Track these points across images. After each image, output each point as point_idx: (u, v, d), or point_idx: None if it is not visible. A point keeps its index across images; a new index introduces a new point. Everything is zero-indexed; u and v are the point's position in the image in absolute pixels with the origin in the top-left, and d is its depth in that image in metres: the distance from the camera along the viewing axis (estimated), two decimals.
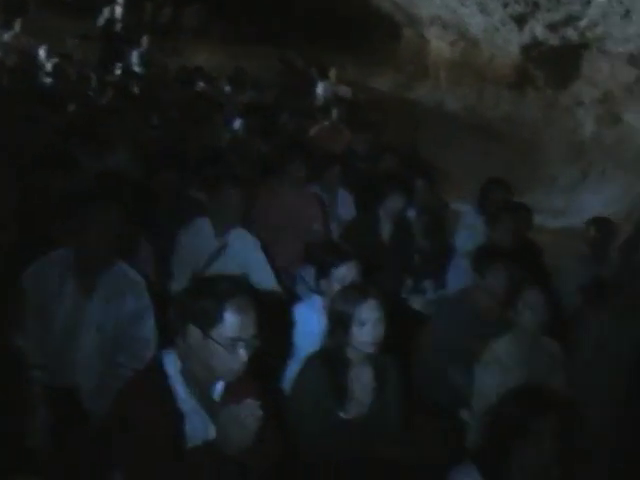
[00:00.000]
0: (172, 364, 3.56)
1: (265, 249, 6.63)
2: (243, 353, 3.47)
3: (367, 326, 4.55)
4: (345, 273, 5.30)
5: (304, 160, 8.16)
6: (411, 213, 8.44)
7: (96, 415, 4.71)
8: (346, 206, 9.04)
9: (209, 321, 3.44)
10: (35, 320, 4.78)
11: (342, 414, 4.55)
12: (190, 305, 3.50)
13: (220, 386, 3.65)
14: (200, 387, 3.59)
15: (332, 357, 4.64)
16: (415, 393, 5.69)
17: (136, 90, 13.24)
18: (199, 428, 3.54)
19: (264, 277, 6.44)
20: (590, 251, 7.94)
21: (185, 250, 6.43)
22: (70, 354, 4.85)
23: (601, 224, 7.97)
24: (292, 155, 8.14)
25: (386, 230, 7.88)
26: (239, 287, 3.52)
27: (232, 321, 3.45)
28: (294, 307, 5.62)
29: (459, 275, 7.32)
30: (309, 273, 7.29)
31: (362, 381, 4.51)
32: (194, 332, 3.48)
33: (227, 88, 15.15)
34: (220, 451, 3.35)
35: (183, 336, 3.52)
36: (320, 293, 5.46)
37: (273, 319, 3.93)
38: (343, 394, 4.59)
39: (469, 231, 8.55)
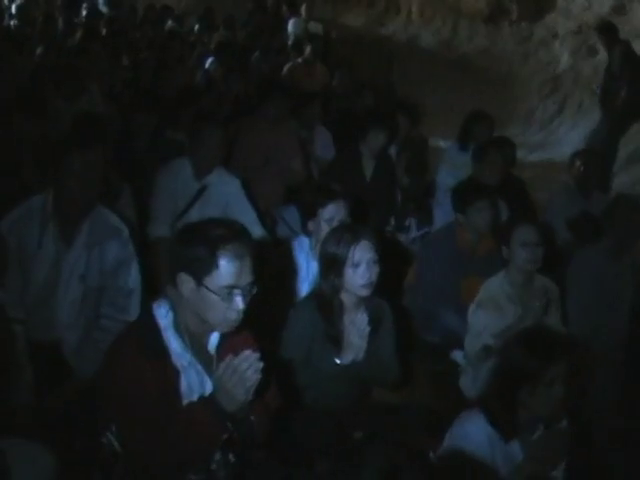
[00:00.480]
0: (164, 316, 3.35)
1: (246, 190, 6.42)
2: (239, 302, 3.26)
3: (361, 268, 4.37)
4: (333, 213, 5.12)
5: (281, 98, 7.96)
6: (392, 150, 8.25)
7: (81, 370, 4.55)
8: (325, 144, 8.87)
9: (202, 269, 3.23)
10: (14, 272, 4.54)
11: (338, 360, 4.38)
12: (181, 252, 3.27)
13: (215, 338, 3.46)
14: (194, 339, 3.40)
15: (325, 302, 4.46)
16: (408, 335, 5.53)
17: (104, 31, 12.88)
18: (195, 383, 3.37)
19: (247, 218, 6.19)
20: (576, 185, 7.76)
21: (164, 193, 6.20)
22: (52, 307, 4.62)
23: (587, 157, 7.79)
24: (269, 93, 7.94)
25: (368, 168, 7.67)
26: (234, 232, 3.29)
27: (227, 268, 3.23)
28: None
29: (445, 213, 7.14)
30: (291, 214, 7.17)
31: (357, 326, 4.32)
32: (187, 281, 3.26)
33: (197, 27, 14.85)
34: (219, 406, 3.17)
35: (175, 286, 3.31)
36: (307, 234, 5.27)
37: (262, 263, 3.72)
38: (338, 340, 4.42)
39: (451, 168, 8.40)
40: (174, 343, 3.33)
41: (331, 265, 4.42)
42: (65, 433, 3.87)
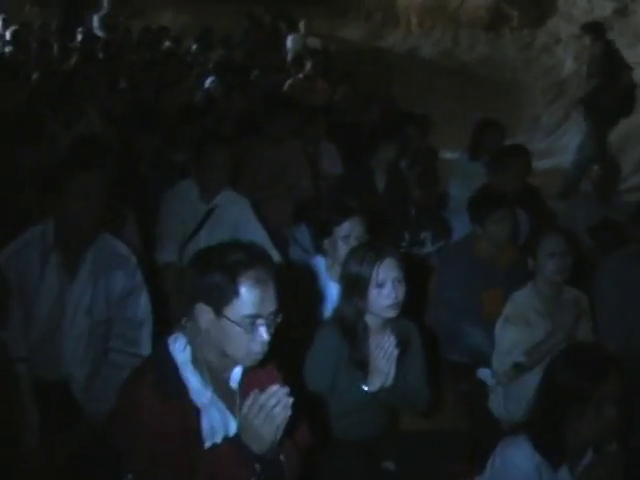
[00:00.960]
0: (181, 351, 3.08)
1: (255, 210, 6.16)
2: (264, 333, 2.99)
3: (386, 288, 4.11)
4: (349, 230, 4.90)
5: (286, 114, 7.71)
6: (403, 163, 7.99)
7: (91, 409, 4.26)
8: (332, 160, 8.60)
9: (222, 298, 2.95)
10: (15, 307, 4.24)
11: (365, 387, 4.10)
12: (198, 281, 2.99)
13: (237, 372, 3.19)
14: (215, 375, 3.12)
15: (349, 325, 4.19)
16: (434, 356, 5.25)
17: (100, 55, 12.66)
18: (217, 423, 3.09)
19: (258, 241, 5.97)
20: (595, 191, 7.54)
21: (171, 216, 5.94)
22: (58, 343, 4.33)
23: (604, 162, 7.58)
24: (272, 110, 7.69)
25: (380, 182, 7.41)
26: (254, 256, 3.02)
27: (249, 296, 2.96)
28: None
29: (465, 226, 6.88)
30: (302, 233, 6.91)
31: (384, 349, 4.05)
32: (205, 312, 3.00)
33: (194, 47, 14.63)
34: (245, 448, 2.89)
35: (192, 317, 3.04)
36: (323, 254, 5.01)
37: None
38: (365, 365, 4.14)
39: (463, 179, 8.16)
40: (193, 380, 3.05)
41: (354, 286, 4.16)
42: None
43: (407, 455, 4.35)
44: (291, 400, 2.84)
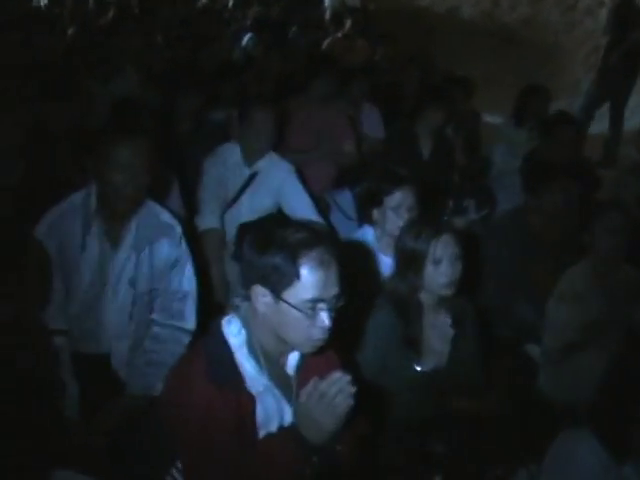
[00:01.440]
0: (235, 335, 2.89)
1: (298, 175, 5.95)
2: (325, 318, 2.79)
3: (443, 265, 3.92)
4: (400, 200, 4.72)
5: (329, 75, 7.48)
6: (448, 129, 7.77)
7: (133, 385, 4.09)
8: (374, 123, 8.37)
9: (281, 280, 2.76)
10: (55, 278, 4.05)
11: (418, 367, 3.92)
12: (256, 261, 2.79)
13: (294, 358, 3.01)
14: (270, 361, 2.94)
15: (403, 303, 4.00)
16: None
17: (136, 10, 12.42)
18: (273, 411, 2.91)
19: (302, 207, 5.79)
20: None
21: (212, 181, 5.73)
22: (99, 315, 4.14)
23: None
24: (318, 71, 7.45)
25: (425, 148, 7.19)
26: (316, 236, 2.81)
27: (310, 279, 2.75)
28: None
29: (510, 195, 6.67)
30: (344, 199, 6.73)
31: (439, 329, 3.87)
32: (262, 295, 2.80)
33: (231, 3, 14.37)
34: (303, 439, 2.72)
35: (249, 299, 2.85)
36: (371, 224, 4.82)
37: None
38: (418, 345, 3.96)
39: (508, 145, 7.96)
40: (248, 366, 2.86)
41: (409, 262, 3.97)
42: (121, 465, 3.36)
43: (456, 438, 4.17)
44: (354, 389, 2.65)
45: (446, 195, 7.19)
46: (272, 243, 2.76)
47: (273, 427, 2.88)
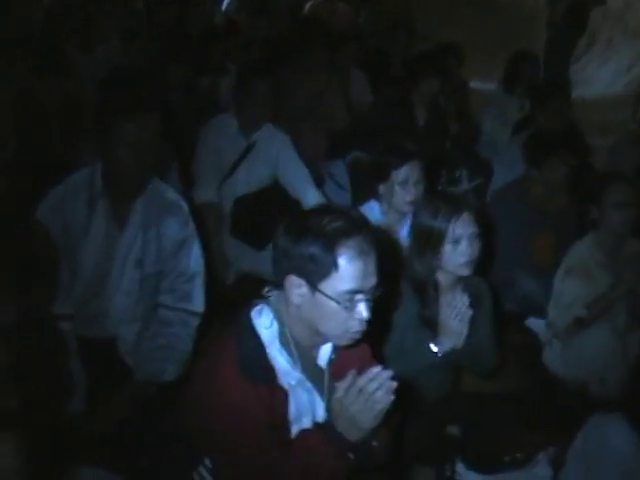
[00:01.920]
0: (267, 327, 2.72)
1: (295, 146, 5.82)
2: (363, 310, 2.63)
3: (462, 244, 3.77)
4: (408, 174, 4.58)
5: (321, 41, 7.32)
6: (440, 97, 7.63)
7: (141, 370, 3.92)
8: (361, 89, 8.22)
9: (318, 271, 2.59)
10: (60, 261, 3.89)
11: (435, 348, 3.80)
12: (291, 250, 2.62)
13: (327, 350, 2.85)
14: (303, 353, 2.78)
15: (420, 282, 3.87)
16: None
17: None
18: (304, 405, 2.76)
19: (299, 179, 5.68)
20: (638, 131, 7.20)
21: (209, 152, 5.59)
22: (105, 298, 3.96)
23: None
24: (308, 37, 7.29)
25: (420, 117, 7.05)
26: (355, 223, 2.64)
27: (349, 270, 2.59)
28: None
29: (506, 165, 6.56)
30: (338, 169, 6.61)
31: (457, 309, 3.75)
32: (298, 285, 2.64)
33: None
34: (340, 436, 2.58)
35: (281, 289, 2.71)
36: (377, 199, 4.70)
37: None
38: (435, 325, 3.83)
39: (498, 112, 7.88)
40: (280, 359, 2.70)
41: (427, 241, 3.82)
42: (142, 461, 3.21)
43: (472, 419, 4.07)
44: (395, 384, 2.52)
45: (440, 165, 7.08)
46: (309, 231, 2.60)
47: (306, 422, 2.73)
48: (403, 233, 4.61)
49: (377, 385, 2.50)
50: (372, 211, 4.72)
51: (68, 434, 3.42)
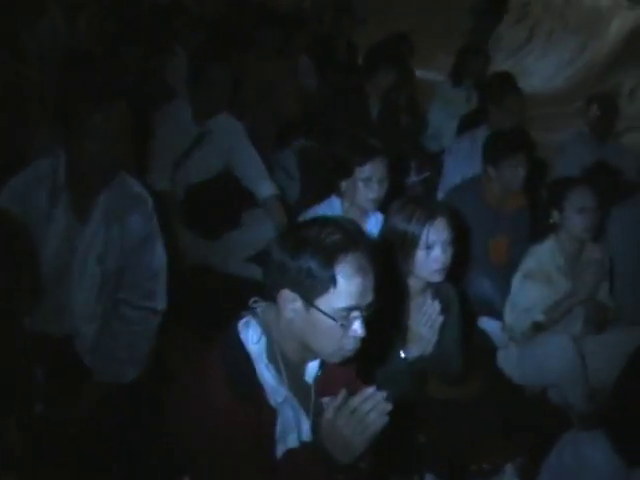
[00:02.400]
0: (255, 342, 2.58)
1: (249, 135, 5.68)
2: (359, 327, 2.53)
3: (435, 250, 3.68)
4: (372, 171, 4.47)
5: (273, 28, 7.17)
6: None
7: (99, 370, 3.78)
8: (308, 75, 8.10)
9: (315, 286, 2.47)
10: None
11: (403, 354, 3.70)
12: (287, 263, 2.49)
13: (314, 366, 2.72)
14: (290, 369, 2.65)
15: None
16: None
17: None
18: (290, 423, 2.63)
19: (254, 171, 5.56)
20: (591, 131, 7.19)
21: (162, 140, 5.41)
22: (65, 294, 3.78)
23: (604, 102, 7.22)
24: (258, 20, 7.14)
25: (374, 108, 6.94)
26: (355, 238, 2.52)
27: (347, 286, 2.48)
28: (305, 213, 4.70)
29: (456, 160, 6.48)
30: (287, 159, 6.50)
31: (427, 315, 3.65)
32: (292, 300, 2.51)
33: None
34: (329, 457, 2.46)
35: (274, 303, 2.57)
36: (338, 195, 4.59)
37: None
38: (404, 331, 3.73)
39: (444, 104, 7.90)
40: (268, 376, 2.56)
41: (400, 245, 3.72)
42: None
43: (438, 427, 4.00)
44: (390, 406, 2.42)
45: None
46: (306, 245, 2.47)
47: (292, 441, 2.60)
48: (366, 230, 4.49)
49: (371, 406, 2.39)
50: (333, 207, 4.62)
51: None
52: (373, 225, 4.48)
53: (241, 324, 2.60)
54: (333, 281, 2.46)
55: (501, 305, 5.03)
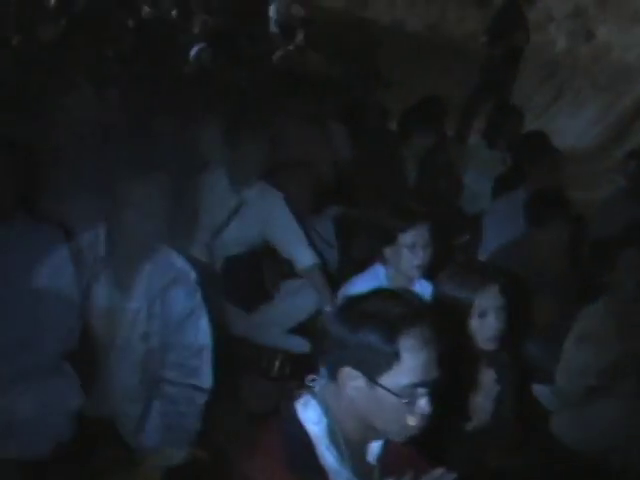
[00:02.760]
0: (315, 422, 2.46)
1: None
2: (425, 404, 2.40)
3: (489, 317, 3.56)
4: (416, 238, 4.38)
5: (308, 93, 7.12)
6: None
7: (143, 453, 3.65)
8: (342, 142, 8.00)
9: (379, 363, 2.35)
10: None
11: (462, 425, 3.57)
12: (348, 339, 2.37)
13: (377, 444, 2.59)
14: (352, 449, 2.51)
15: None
16: None
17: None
18: None
19: (290, 238, 5.44)
20: (630, 188, 7.05)
21: (199, 209, 5.32)
22: (106, 373, 3.70)
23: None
24: (295, 89, 7.09)
25: (411, 172, 6.84)
26: (418, 310, 2.41)
27: (413, 362, 2.36)
28: (349, 282, 4.60)
29: (496, 223, 6.37)
30: (323, 226, 6.40)
31: (483, 384, 3.53)
32: (353, 377, 2.39)
33: (175, 12, 13.84)
34: None
35: (334, 381, 2.44)
36: (382, 263, 4.49)
37: None
38: (461, 401, 3.60)
39: (482, 166, 7.73)
40: (329, 457, 2.43)
41: (451, 313, 3.59)
42: None
43: None
44: None
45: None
46: (367, 319, 2.35)
47: None
48: None
49: None
50: (377, 275, 4.54)
51: None
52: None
53: (299, 404, 2.48)
54: (397, 356, 2.34)
55: (550, 369, 4.90)
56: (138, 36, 10.73)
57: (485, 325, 3.57)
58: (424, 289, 4.26)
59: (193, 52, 10.75)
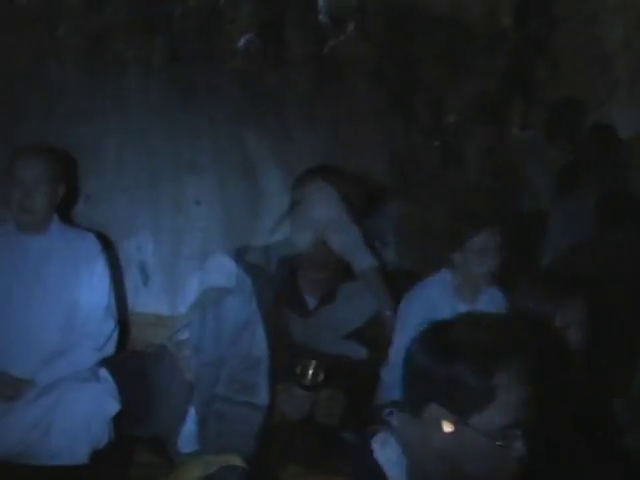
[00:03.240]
0: (394, 463, 2.18)
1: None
2: (521, 446, 2.12)
3: (572, 332, 3.35)
4: (485, 243, 4.26)
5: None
6: None
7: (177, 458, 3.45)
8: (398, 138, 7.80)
9: (471, 401, 2.09)
10: None
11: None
12: (436, 373, 2.12)
13: None
14: None
15: None
16: None
17: None
18: None
19: (348, 240, 5.14)
20: None
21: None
22: (153, 388, 3.56)
23: None
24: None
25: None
26: (513, 341, 2.14)
27: (509, 400, 2.09)
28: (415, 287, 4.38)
29: (564, 223, 6.16)
30: (379, 224, 6.19)
31: None
32: (441, 416, 2.13)
33: (222, 2, 13.65)
34: None
35: (417, 417, 2.18)
36: (450, 268, 4.32)
37: None
38: None
39: (541, 162, 7.53)
40: None
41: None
42: None
43: None
44: None
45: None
46: (458, 351, 2.09)
47: None
48: (480, 307, 4.17)
49: None
50: (444, 282, 4.47)
51: None
52: (487, 302, 4.17)
53: (376, 441, 2.21)
54: (492, 394, 2.06)
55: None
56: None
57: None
58: (495, 298, 4.09)
59: (241, 43, 10.56)
